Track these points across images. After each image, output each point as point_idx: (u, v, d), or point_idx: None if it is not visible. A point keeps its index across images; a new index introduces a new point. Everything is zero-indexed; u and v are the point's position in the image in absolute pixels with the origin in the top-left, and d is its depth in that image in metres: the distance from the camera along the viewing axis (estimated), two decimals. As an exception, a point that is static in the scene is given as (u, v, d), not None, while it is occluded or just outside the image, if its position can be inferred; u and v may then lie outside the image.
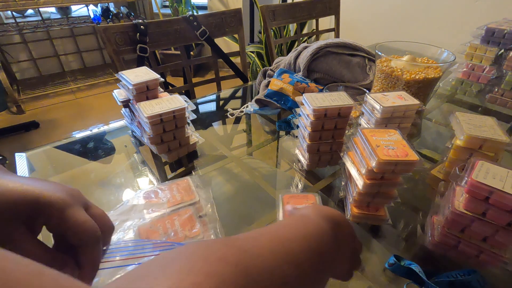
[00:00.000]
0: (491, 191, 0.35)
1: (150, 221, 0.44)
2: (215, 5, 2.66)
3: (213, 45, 1.02)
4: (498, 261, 0.38)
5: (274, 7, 1.16)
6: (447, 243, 0.40)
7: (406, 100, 0.54)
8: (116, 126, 0.75)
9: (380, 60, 0.70)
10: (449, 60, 0.67)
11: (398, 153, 0.41)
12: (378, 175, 0.42)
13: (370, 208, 0.46)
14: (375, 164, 0.40)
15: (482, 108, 0.87)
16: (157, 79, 0.58)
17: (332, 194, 0.56)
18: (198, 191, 0.50)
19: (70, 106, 2.32)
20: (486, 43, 0.91)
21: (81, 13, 2.64)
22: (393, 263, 0.40)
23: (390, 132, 0.46)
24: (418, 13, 1.68)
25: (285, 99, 0.79)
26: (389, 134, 0.45)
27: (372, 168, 0.41)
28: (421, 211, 0.52)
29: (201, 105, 0.90)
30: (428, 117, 0.82)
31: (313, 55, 0.84)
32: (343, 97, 0.54)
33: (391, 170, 0.41)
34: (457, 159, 0.49)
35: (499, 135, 0.46)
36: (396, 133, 0.46)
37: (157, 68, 0.97)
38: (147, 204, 0.47)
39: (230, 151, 0.68)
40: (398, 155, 0.40)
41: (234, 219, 0.47)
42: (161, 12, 2.70)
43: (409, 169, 0.41)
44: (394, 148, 0.42)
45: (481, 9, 1.46)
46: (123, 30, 0.84)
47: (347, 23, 1.89)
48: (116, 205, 0.46)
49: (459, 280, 0.36)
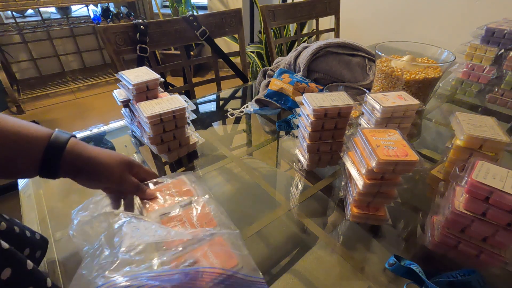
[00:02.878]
0: (491, 191, 0.35)
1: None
2: (215, 5, 2.66)
3: (213, 45, 1.02)
4: (498, 261, 0.38)
5: (274, 7, 1.16)
6: (447, 243, 0.40)
7: (406, 100, 0.54)
8: (116, 126, 0.75)
9: (380, 60, 0.70)
10: (449, 60, 0.67)
11: (398, 153, 0.41)
12: (378, 175, 0.42)
13: (370, 208, 0.46)
14: (375, 164, 0.40)
15: (482, 108, 0.87)
16: (157, 79, 0.58)
17: (332, 194, 0.56)
18: (195, 187, 0.51)
19: (70, 106, 2.32)
20: (486, 43, 0.91)
21: (81, 13, 2.64)
22: (393, 263, 0.40)
23: (390, 132, 0.46)
24: (418, 13, 1.68)
25: (285, 99, 0.79)
26: (389, 134, 0.45)
27: (372, 168, 0.41)
28: (421, 211, 0.52)
29: (201, 105, 0.90)
30: (428, 117, 0.82)
31: (313, 55, 0.84)
32: (343, 97, 0.54)
33: (391, 170, 0.41)
34: (457, 159, 0.49)
35: (499, 135, 0.46)
36: (396, 133, 0.46)
37: (157, 68, 0.97)
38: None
39: (230, 151, 0.68)
40: (398, 155, 0.40)
41: (234, 219, 0.47)
42: (161, 12, 2.70)
43: (409, 169, 0.41)
44: (394, 148, 0.42)
45: (481, 9, 1.46)
46: (123, 30, 0.84)
47: (347, 23, 1.89)
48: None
49: (459, 280, 0.36)
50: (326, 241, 0.46)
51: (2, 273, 0.27)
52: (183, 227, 0.43)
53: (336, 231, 0.49)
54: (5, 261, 0.28)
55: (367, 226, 0.48)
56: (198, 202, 0.48)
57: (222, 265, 0.37)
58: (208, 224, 0.44)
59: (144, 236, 0.36)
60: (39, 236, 0.41)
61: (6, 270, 0.28)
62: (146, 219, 0.40)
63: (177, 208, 0.47)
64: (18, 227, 0.37)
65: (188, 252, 0.37)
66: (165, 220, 0.44)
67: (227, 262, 0.37)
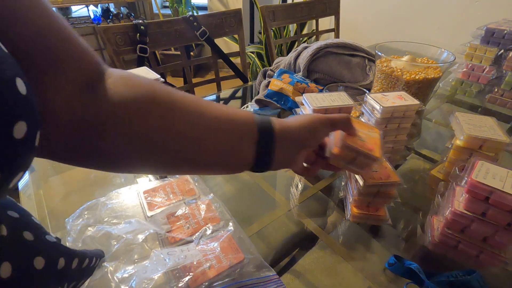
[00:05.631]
0: (491, 191, 0.35)
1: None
2: (215, 6, 2.66)
3: (213, 45, 1.03)
4: (498, 261, 0.38)
5: (274, 7, 1.16)
6: (447, 243, 0.40)
7: (406, 100, 0.54)
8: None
9: (380, 60, 0.71)
10: (449, 60, 0.67)
11: (365, 146, 0.39)
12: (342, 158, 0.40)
13: (370, 208, 0.46)
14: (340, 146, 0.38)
15: (482, 108, 0.87)
16: (157, 80, 0.58)
17: (332, 194, 0.56)
18: (198, 186, 0.52)
19: (70, 106, 2.32)
20: (486, 43, 0.91)
21: (81, 13, 2.64)
22: (393, 263, 0.40)
23: (372, 130, 0.44)
24: (418, 13, 1.68)
25: (285, 99, 0.79)
26: (370, 130, 0.43)
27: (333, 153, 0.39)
28: (421, 211, 0.52)
29: (201, 105, 0.90)
30: (428, 117, 0.82)
31: (313, 55, 0.84)
32: (343, 97, 0.54)
33: (352, 156, 0.39)
34: (457, 159, 0.49)
35: (499, 135, 0.46)
36: (377, 132, 0.43)
37: (157, 68, 0.97)
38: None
39: (230, 151, 0.68)
40: (364, 147, 0.39)
41: (234, 219, 0.47)
42: (161, 12, 2.70)
43: (370, 163, 0.39)
44: (364, 140, 0.40)
45: (481, 9, 1.46)
46: (123, 31, 0.85)
47: (347, 23, 1.89)
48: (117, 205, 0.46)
49: (459, 280, 0.36)
50: (326, 241, 0.46)
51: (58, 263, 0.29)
52: (189, 225, 0.44)
53: (336, 231, 0.49)
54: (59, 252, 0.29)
55: (367, 226, 0.48)
56: (202, 201, 0.49)
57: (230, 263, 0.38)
58: (212, 220, 0.45)
59: (154, 272, 0.36)
60: None
61: (61, 260, 0.29)
62: (155, 250, 0.40)
63: (182, 207, 0.47)
64: None
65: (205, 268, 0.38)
66: (172, 220, 0.45)
67: (234, 258, 0.39)
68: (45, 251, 0.26)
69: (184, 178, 0.54)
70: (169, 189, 0.51)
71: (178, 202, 0.49)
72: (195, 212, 0.46)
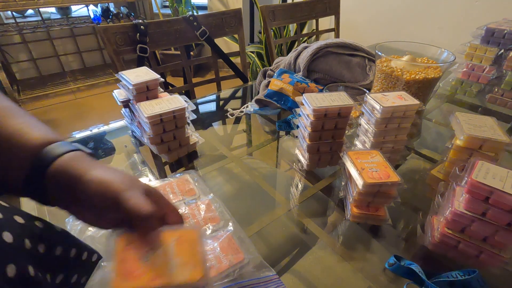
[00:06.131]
0: (491, 191, 0.35)
1: None
2: (215, 5, 2.66)
3: (213, 45, 1.02)
4: (498, 261, 0.38)
5: (274, 7, 1.16)
6: (447, 243, 0.40)
7: (406, 100, 0.54)
8: (116, 126, 0.75)
9: (380, 60, 0.71)
10: (449, 60, 0.67)
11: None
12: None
13: (370, 208, 0.46)
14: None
15: (482, 108, 0.87)
16: (157, 79, 0.58)
17: (332, 194, 0.56)
18: (198, 186, 0.52)
19: (70, 106, 2.32)
20: (486, 43, 0.91)
21: (81, 13, 2.64)
22: (393, 263, 0.40)
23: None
24: (418, 13, 1.68)
25: (285, 99, 0.79)
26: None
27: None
28: (421, 211, 0.52)
29: (201, 105, 0.90)
30: (428, 117, 0.82)
31: (313, 55, 0.84)
32: (343, 97, 0.54)
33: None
34: (457, 159, 0.49)
35: (499, 135, 0.46)
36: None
37: (157, 68, 0.97)
38: None
39: (230, 151, 0.68)
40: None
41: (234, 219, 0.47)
42: (161, 12, 2.70)
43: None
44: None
45: (481, 9, 1.46)
46: (123, 30, 0.84)
47: (347, 23, 1.89)
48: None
49: (459, 280, 0.36)
50: (326, 241, 0.46)
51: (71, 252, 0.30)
52: (189, 225, 0.44)
53: (336, 231, 0.49)
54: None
55: (367, 226, 0.48)
56: (202, 201, 0.49)
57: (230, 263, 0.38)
58: (212, 220, 0.45)
59: None
60: None
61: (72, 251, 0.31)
62: None
63: (182, 207, 0.47)
64: None
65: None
66: None
67: (234, 258, 0.38)
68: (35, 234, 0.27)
69: (184, 178, 0.54)
70: (169, 189, 0.51)
71: (178, 202, 0.49)
72: (195, 212, 0.46)
